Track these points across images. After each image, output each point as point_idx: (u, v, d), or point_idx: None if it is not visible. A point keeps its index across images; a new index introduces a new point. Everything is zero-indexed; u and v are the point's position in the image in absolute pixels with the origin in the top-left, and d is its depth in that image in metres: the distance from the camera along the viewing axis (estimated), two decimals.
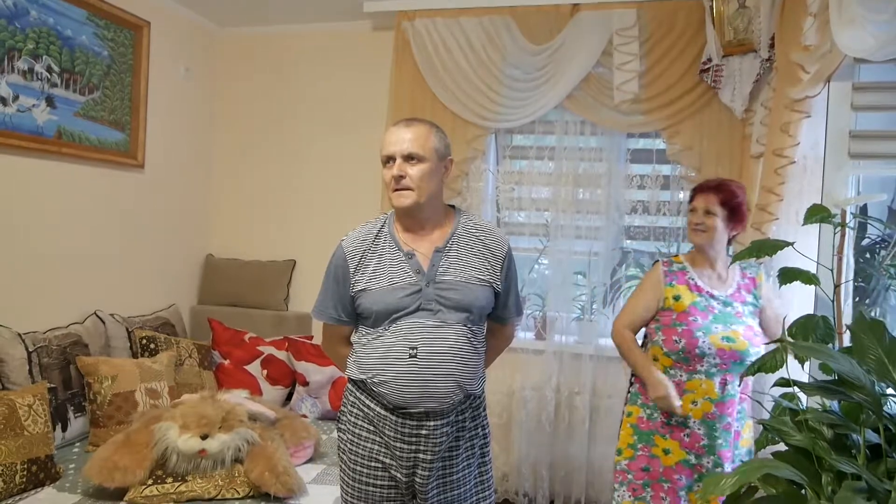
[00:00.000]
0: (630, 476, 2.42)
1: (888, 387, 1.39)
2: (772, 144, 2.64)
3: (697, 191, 2.43)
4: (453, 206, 1.96)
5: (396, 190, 1.79)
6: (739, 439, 2.35)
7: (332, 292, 1.89)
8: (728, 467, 2.31)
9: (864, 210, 2.84)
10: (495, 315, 1.95)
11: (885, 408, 1.46)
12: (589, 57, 3.28)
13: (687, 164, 3.25)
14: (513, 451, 3.53)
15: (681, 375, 2.34)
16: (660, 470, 2.36)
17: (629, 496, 2.41)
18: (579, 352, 3.45)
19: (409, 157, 1.78)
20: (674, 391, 2.29)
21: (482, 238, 1.87)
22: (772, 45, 2.84)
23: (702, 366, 2.29)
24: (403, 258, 1.81)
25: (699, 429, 2.30)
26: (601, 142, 3.46)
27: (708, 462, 2.30)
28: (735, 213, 2.36)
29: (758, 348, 2.28)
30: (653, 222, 3.44)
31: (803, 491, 1.43)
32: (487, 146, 3.58)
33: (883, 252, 2.93)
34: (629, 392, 2.53)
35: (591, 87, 3.34)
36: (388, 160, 1.81)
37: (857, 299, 2.79)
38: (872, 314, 2.75)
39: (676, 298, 2.39)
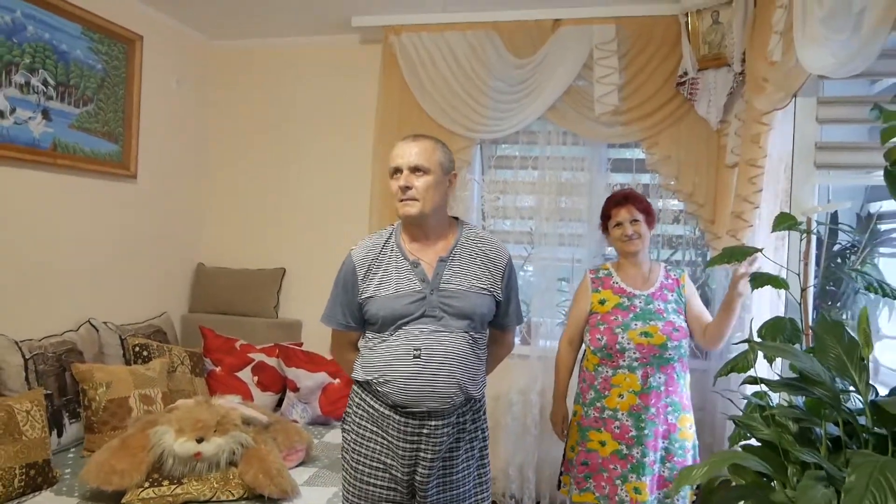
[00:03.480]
0: (574, 471, 2.60)
1: (849, 383, 1.50)
2: (745, 154, 2.76)
3: (613, 206, 2.60)
4: (457, 219, 2.05)
5: (403, 200, 1.88)
6: (676, 432, 2.49)
7: (341, 299, 1.98)
8: (654, 457, 2.47)
9: (834, 217, 2.97)
10: (496, 322, 2.03)
11: (848, 403, 1.57)
12: (570, 70, 3.39)
13: (665, 174, 3.37)
14: (500, 454, 3.61)
15: (607, 371, 2.53)
16: (598, 461, 2.53)
17: (576, 489, 2.58)
18: None
19: (415, 169, 1.88)
20: (561, 421, 2.69)
21: (484, 249, 1.96)
22: (744, 60, 2.97)
23: (623, 360, 2.48)
24: (409, 267, 1.90)
25: (627, 420, 2.47)
26: (583, 151, 3.57)
27: (637, 452, 2.46)
28: (650, 214, 2.59)
29: (676, 342, 2.45)
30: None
31: (773, 483, 1.53)
32: (473, 156, 3.68)
33: (853, 257, 3.05)
34: (576, 393, 2.71)
35: (572, 99, 3.45)
36: (396, 172, 1.91)
37: (828, 302, 2.91)
38: (843, 316, 2.88)
39: (602, 303, 2.59)
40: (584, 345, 2.70)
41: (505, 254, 2.01)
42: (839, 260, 3.13)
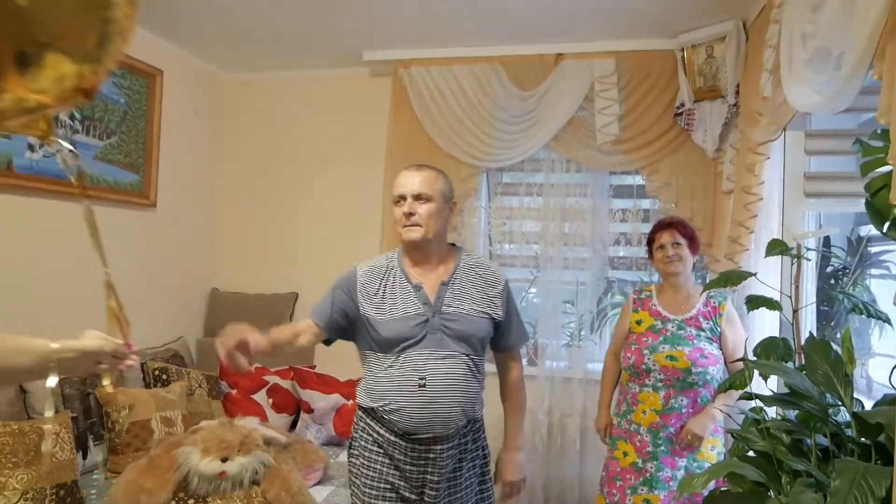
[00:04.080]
0: (603, 473, 2.79)
1: (836, 398, 1.62)
2: (740, 182, 2.90)
3: (657, 230, 2.75)
4: (454, 245, 2.17)
5: (406, 226, 1.99)
6: (695, 452, 2.57)
7: (332, 299, 2.05)
8: (670, 473, 2.58)
9: (827, 241, 3.10)
10: (502, 345, 2.13)
11: (837, 416, 1.69)
12: (572, 102, 3.56)
13: (665, 199, 3.52)
14: None
15: (635, 388, 2.68)
16: (616, 470, 2.68)
17: (599, 490, 2.78)
18: (569, 376, 3.67)
19: (418, 197, 1.99)
20: (604, 428, 2.84)
21: (481, 273, 2.07)
22: (738, 92, 3.13)
23: (649, 380, 2.61)
24: (412, 290, 2.00)
25: (646, 436, 2.60)
26: (586, 178, 3.72)
27: (651, 467, 2.58)
28: (693, 240, 2.73)
29: (702, 368, 2.53)
30: (634, 253, 3.70)
31: (770, 492, 1.65)
32: (480, 184, 3.83)
33: (845, 279, 3.18)
34: (615, 403, 2.86)
35: (575, 129, 3.61)
36: (400, 199, 2.02)
37: (823, 322, 3.03)
38: (837, 335, 3.00)
39: (639, 323, 2.74)
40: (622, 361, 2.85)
41: (502, 277, 2.11)
42: (832, 281, 3.26)
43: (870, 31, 1.64)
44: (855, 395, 1.82)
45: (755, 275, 2.06)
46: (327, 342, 2.14)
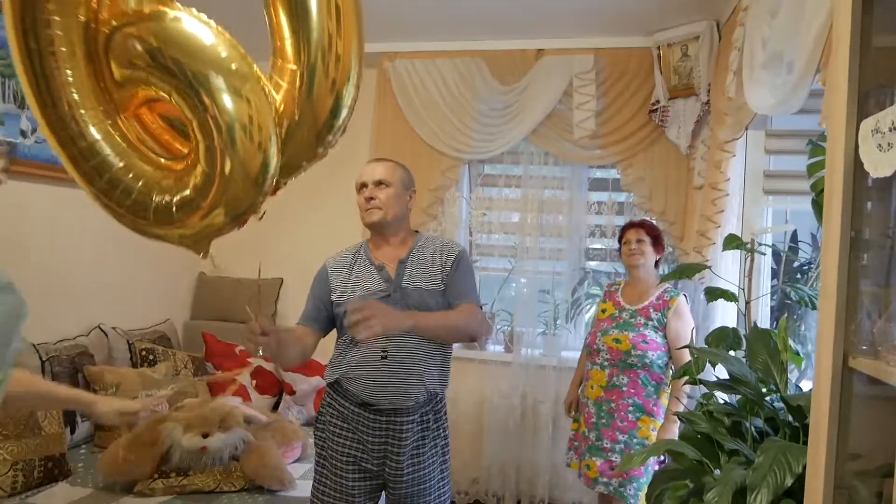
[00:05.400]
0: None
1: (773, 383, 1.74)
2: (709, 178, 3.01)
3: (626, 228, 2.98)
4: (417, 232, 2.30)
5: (368, 210, 2.14)
6: (636, 430, 2.76)
7: (313, 298, 2.21)
8: (609, 445, 2.78)
9: (794, 237, 3.21)
10: (449, 295, 2.13)
11: (777, 402, 1.80)
12: (552, 96, 3.65)
13: (639, 193, 3.63)
14: (483, 455, 3.84)
15: (589, 365, 2.93)
16: (574, 435, 2.99)
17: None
18: (544, 363, 3.79)
19: (378, 183, 2.14)
20: (567, 403, 3.11)
21: (436, 247, 2.19)
22: (710, 91, 3.23)
23: (598, 359, 2.84)
24: (375, 270, 2.14)
25: (592, 408, 2.83)
26: (563, 171, 3.83)
27: (593, 436, 2.81)
28: (657, 240, 2.92)
29: (641, 352, 2.73)
30: (609, 245, 3.81)
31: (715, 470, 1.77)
32: (461, 175, 3.93)
33: (810, 273, 3.29)
34: None
35: (553, 124, 3.71)
36: (362, 187, 2.17)
37: (785, 314, 3.15)
38: (800, 327, 3.12)
39: (603, 311, 2.98)
40: None
41: (455, 249, 2.19)
42: (798, 276, 3.38)
43: (813, 40, 1.75)
44: (803, 383, 1.96)
45: (710, 268, 2.18)
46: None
